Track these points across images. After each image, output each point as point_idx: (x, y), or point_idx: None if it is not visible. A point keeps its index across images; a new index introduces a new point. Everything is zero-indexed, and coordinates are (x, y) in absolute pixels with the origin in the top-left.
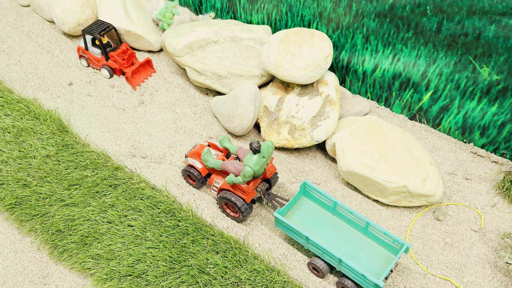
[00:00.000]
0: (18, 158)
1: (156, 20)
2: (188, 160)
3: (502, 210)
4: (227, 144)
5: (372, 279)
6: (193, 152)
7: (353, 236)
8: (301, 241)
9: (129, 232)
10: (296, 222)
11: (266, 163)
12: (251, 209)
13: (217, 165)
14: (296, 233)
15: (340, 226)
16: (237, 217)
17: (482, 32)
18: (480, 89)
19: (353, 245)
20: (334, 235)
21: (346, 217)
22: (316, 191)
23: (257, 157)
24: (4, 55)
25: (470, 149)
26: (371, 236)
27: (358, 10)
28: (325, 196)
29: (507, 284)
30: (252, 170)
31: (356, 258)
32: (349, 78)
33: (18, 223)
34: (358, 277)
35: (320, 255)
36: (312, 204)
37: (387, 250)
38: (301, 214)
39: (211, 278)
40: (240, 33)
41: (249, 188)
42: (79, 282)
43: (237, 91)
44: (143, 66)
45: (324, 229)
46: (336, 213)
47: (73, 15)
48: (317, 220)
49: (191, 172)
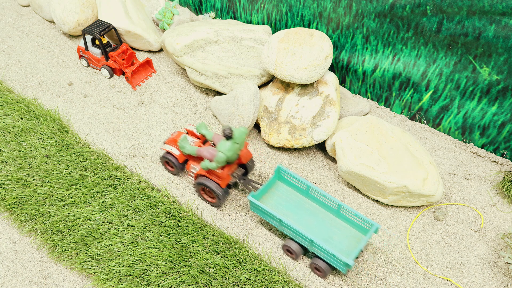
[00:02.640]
0: (18, 158)
1: (156, 20)
2: (165, 147)
3: (502, 210)
4: (204, 131)
5: (342, 258)
6: (171, 139)
7: (326, 219)
8: (275, 224)
9: (129, 232)
10: (271, 206)
11: (239, 149)
12: (227, 194)
13: (193, 151)
14: (269, 215)
15: (314, 209)
16: (214, 202)
17: (482, 32)
18: (480, 89)
19: (326, 227)
20: (308, 218)
21: (319, 200)
22: (290, 175)
23: (230, 143)
24: (4, 55)
25: (470, 149)
26: (343, 218)
27: (358, 10)
28: (299, 180)
29: (507, 284)
30: (225, 156)
31: (329, 240)
32: (349, 78)
33: (18, 223)
34: (329, 257)
35: (294, 237)
36: (287, 189)
37: (358, 231)
38: (276, 198)
39: (211, 278)
40: (240, 33)
41: (224, 173)
42: (79, 282)
43: (237, 91)
44: (143, 66)
45: (298, 212)
46: (310, 196)
47: (73, 15)
48: (292, 203)
49: (169, 159)
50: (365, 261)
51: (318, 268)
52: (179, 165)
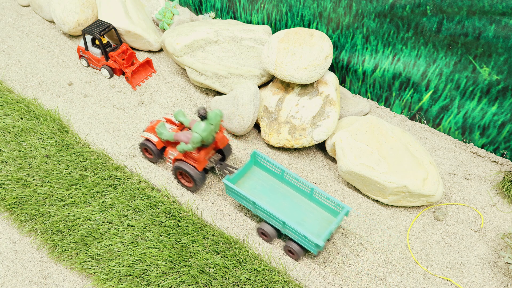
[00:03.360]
0: (18, 158)
1: (156, 20)
2: (144, 134)
3: (502, 210)
4: (181, 118)
5: (312, 239)
6: (149, 127)
7: (299, 202)
8: (250, 207)
9: (129, 232)
10: (246, 190)
11: (214, 130)
12: (204, 179)
13: (170, 137)
14: (244, 198)
15: (288, 193)
16: (191, 186)
17: (482, 32)
18: (480, 89)
19: (299, 210)
20: (282, 201)
21: (293, 184)
22: (265, 159)
23: (204, 124)
24: (4, 55)
25: (470, 149)
26: (316, 202)
27: (358, 10)
28: (273, 164)
29: (507, 284)
30: (200, 136)
31: (301, 222)
32: (349, 78)
33: (18, 223)
34: (301, 238)
35: (267, 219)
36: (262, 173)
37: (330, 214)
38: (252, 183)
39: (211, 278)
40: (240, 33)
41: (200, 156)
42: (79, 282)
43: (237, 91)
44: (143, 66)
45: (272, 196)
46: (284, 180)
47: (73, 15)
48: (267, 187)
49: (148, 146)
50: (365, 261)
51: (291, 250)
52: (157, 152)
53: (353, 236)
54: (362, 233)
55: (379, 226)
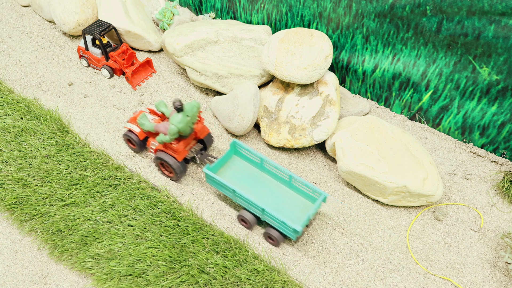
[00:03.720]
0: (18, 158)
1: (156, 20)
2: (127, 125)
3: (502, 210)
4: (163, 109)
5: (290, 225)
6: (132, 118)
7: (278, 190)
8: (230, 195)
9: (129, 232)
10: (227, 179)
11: (191, 122)
12: (185, 169)
13: (151, 128)
14: (224, 187)
15: (268, 181)
16: (172, 176)
17: (482, 32)
18: (480, 89)
19: (278, 197)
20: (261, 189)
21: (272, 172)
22: (245, 148)
23: (181, 116)
24: (4, 55)
25: (470, 149)
26: (295, 189)
27: (358, 10)
28: (253, 153)
29: (507, 284)
30: (176, 128)
31: (281, 209)
32: (349, 78)
33: (18, 223)
34: (279, 224)
35: (247, 207)
36: (242, 162)
37: (308, 200)
38: (232, 172)
39: (211, 278)
40: (240, 33)
41: (179, 147)
42: (79, 281)
43: (237, 91)
44: (143, 66)
45: (252, 184)
46: (264, 169)
47: (73, 15)
48: (247, 176)
49: (130, 136)
50: (365, 261)
51: (271, 236)
52: (140, 142)
53: (353, 236)
54: (362, 233)
55: (379, 226)
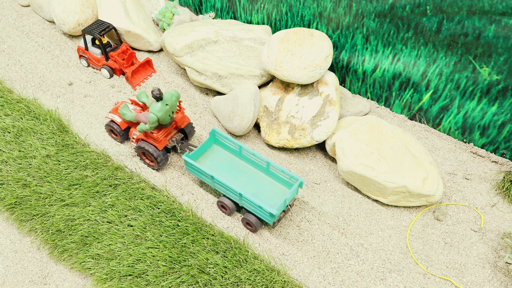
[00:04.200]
0: (18, 158)
1: (156, 20)
2: (109, 115)
3: (502, 210)
4: (144, 99)
5: (267, 209)
6: (114, 108)
7: (257, 177)
8: (208, 182)
9: (129, 232)
10: (206, 166)
11: (170, 110)
12: (166, 158)
13: (132, 117)
14: (203, 173)
15: (246, 168)
16: (153, 165)
17: (482, 32)
18: (480, 89)
19: (257, 184)
20: (240, 176)
21: (250, 160)
22: (224, 137)
23: (160, 104)
24: (4, 55)
25: (470, 149)
26: (272, 175)
27: (358, 10)
28: (231, 141)
29: (507, 284)
30: (156, 117)
31: (258, 195)
32: (349, 78)
33: (18, 223)
34: (256, 209)
35: (225, 193)
36: (222, 151)
37: (285, 186)
38: (212, 160)
39: (211, 278)
40: (240, 33)
41: (159, 136)
42: (79, 282)
43: (237, 91)
44: (143, 66)
45: (231, 172)
46: (243, 156)
47: (73, 15)
48: (226, 164)
49: (112, 127)
50: (365, 261)
51: (249, 222)
52: (122, 132)
53: (353, 236)
54: (362, 233)
55: (379, 226)
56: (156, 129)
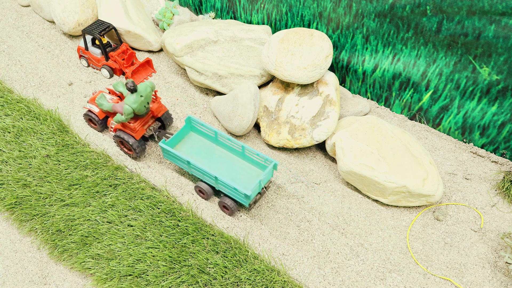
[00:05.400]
0: (18, 158)
1: (156, 20)
2: (86, 105)
3: (502, 210)
4: (121, 89)
5: (241, 190)
6: (92, 98)
7: (233, 161)
8: (185, 167)
9: (129, 232)
10: (183, 153)
11: (145, 101)
12: (143, 147)
13: (109, 107)
14: (179, 159)
15: (223, 154)
16: (131, 154)
17: (482, 32)
18: (480, 89)
19: (233, 168)
20: (217, 162)
21: (226, 145)
22: (199, 123)
23: (135, 96)
24: (4, 55)
25: (470, 149)
26: (248, 159)
27: (358, 10)
28: (207, 127)
29: (507, 284)
30: (131, 108)
31: (235, 179)
32: (349, 78)
33: (18, 223)
34: (232, 191)
35: (202, 177)
36: (199, 138)
37: (260, 169)
38: (189, 146)
39: (211, 278)
40: (240, 33)
41: (136, 126)
42: (79, 282)
43: (237, 91)
44: (143, 66)
45: (208, 157)
46: (219, 142)
47: (73, 15)
48: (203, 150)
49: (91, 116)
50: (365, 261)
51: (225, 205)
52: (100, 122)
53: (353, 236)
54: (362, 233)
55: (379, 226)
56: (132, 119)
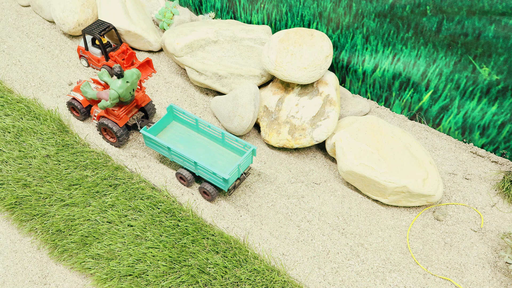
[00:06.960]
0: (18, 158)
1: (156, 20)
2: (71, 93)
3: (502, 210)
4: (106, 78)
5: (220, 174)
6: (76, 87)
7: (213, 148)
8: (166, 154)
9: (129, 232)
10: (165, 140)
11: (131, 88)
12: (127, 135)
13: (94, 95)
14: (160, 146)
15: (203, 141)
16: (114, 141)
17: (482, 32)
18: (480, 89)
19: (213, 155)
20: (198, 148)
21: (207, 132)
22: (180, 111)
23: (121, 81)
24: (4, 55)
25: (470, 149)
26: (228, 146)
27: (358, 10)
28: (188, 115)
29: (507, 284)
30: (116, 93)
31: (215, 165)
32: (349, 78)
33: (18, 223)
34: (211, 176)
35: (182, 163)
36: (180, 126)
37: (239, 155)
38: (171, 134)
39: (211, 278)
40: (240, 33)
41: (120, 113)
42: (79, 282)
43: (237, 91)
44: (143, 66)
45: (189, 145)
46: (200, 130)
47: (73, 15)
48: (184, 137)
49: (74, 104)
50: (365, 261)
51: (206, 191)
52: (83, 110)
53: (353, 236)
54: (362, 233)
55: (379, 226)
56: (117, 106)
